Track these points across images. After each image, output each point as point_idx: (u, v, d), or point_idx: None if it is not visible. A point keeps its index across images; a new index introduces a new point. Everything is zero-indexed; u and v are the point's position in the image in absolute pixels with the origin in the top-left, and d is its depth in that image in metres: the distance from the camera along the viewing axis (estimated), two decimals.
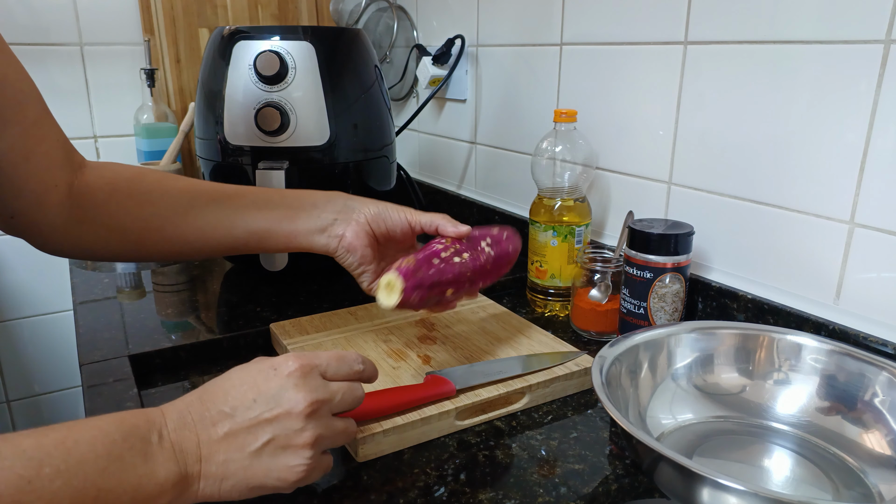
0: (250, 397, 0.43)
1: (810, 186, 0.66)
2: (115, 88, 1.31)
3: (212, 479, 0.41)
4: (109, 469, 0.37)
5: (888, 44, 0.58)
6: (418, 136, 1.36)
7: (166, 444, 0.40)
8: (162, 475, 0.39)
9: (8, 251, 1.31)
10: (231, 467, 0.42)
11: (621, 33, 0.84)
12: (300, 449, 0.43)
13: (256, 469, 0.42)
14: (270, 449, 0.42)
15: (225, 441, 0.42)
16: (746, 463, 0.55)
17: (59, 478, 0.35)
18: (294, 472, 0.43)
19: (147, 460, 0.39)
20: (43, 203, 0.57)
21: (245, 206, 0.66)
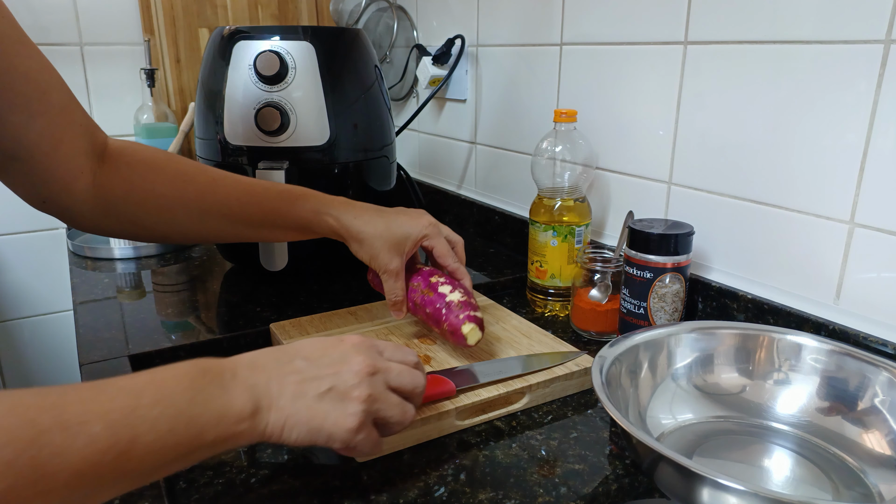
0: (318, 355, 0.49)
1: (810, 186, 0.66)
2: (115, 88, 1.31)
3: (280, 413, 0.45)
4: (196, 399, 0.42)
5: (888, 44, 0.58)
6: (418, 136, 1.36)
7: (240, 380, 0.45)
8: (238, 405, 0.43)
9: (8, 251, 1.31)
10: (297, 405, 0.46)
11: (621, 33, 0.84)
12: (354, 401, 0.47)
13: (317, 411, 0.46)
14: (331, 396, 0.47)
15: (293, 383, 0.46)
16: (746, 463, 0.55)
17: (157, 406, 0.40)
18: (348, 420, 0.46)
19: (224, 392, 0.43)
20: (71, 189, 0.60)
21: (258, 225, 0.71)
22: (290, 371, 0.47)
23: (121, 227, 0.67)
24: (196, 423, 0.41)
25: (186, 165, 0.69)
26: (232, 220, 0.69)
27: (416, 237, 0.69)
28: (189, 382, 0.42)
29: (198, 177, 0.68)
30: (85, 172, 0.61)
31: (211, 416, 0.42)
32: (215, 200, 0.68)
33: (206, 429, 0.41)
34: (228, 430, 0.43)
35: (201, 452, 0.42)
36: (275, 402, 0.45)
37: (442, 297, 0.67)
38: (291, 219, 0.70)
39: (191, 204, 0.67)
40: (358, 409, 0.47)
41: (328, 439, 0.47)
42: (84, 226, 0.65)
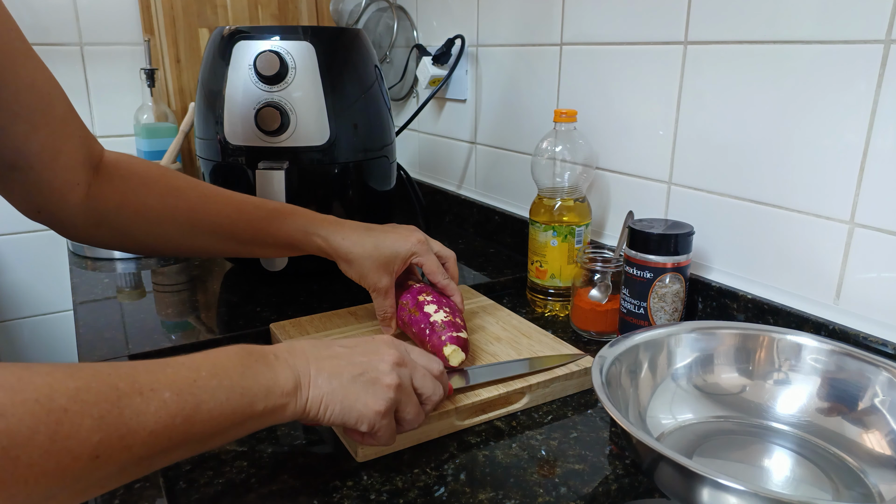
0: (352, 345, 0.53)
1: (810, 186, 0.66)
2: (115, 88, 1.31)
3: (318, 391, 0.49)
4: (246, 373, 0.46)
5: (888, 44, 0.58)
6: (418, 136, 1.36)
7: (282, 360, 0.49)
8: (282, 381, 0.47)
9: (8, 251, 1.31)
10: (333, 383, 0.49)
11: (621, 33, 0.84)
12: (384, 387, 0.50)
13: (350, 391, 0.50)
14: (363, 379, 0.50)
15: (329, 365, 0.50)
16: (746, 463, 0.55)
17: (214, 378, 0.44)
18: (378, 403, 0.50)
19: (270, 369, 0.47)
20: (66, 200, 0.62)
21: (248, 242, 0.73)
22: (326, 356, 0.51)
23: (112, 239, 0.68)
24: (248, 395, 0.45)
25: (179, 181, 0.70)
26: (222, 236, 0.71)
27: (404, 255, 0.70)
28: (239, 360, 0.46)
29: (189, 192, 0.69)
30: (80, 184, 0.62)
31: (260, 389, 0.46)
32: (206, 216, 0.69)
33: (256, 400, 0.45)
34: (275, 402, 0.46)
35: (252, 422, 0.46)
36: (313, 381, 0.49)
37: (427, 316, 0.67)
38: (281, 237, 0.71)
39: (181, 219, 0.68)
40: (387, 395, 0.50)
41: (357, 419, 0.50)
42: (76, 236, 0.66)
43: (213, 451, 0.56)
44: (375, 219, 0.95)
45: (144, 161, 0.70)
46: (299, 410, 0.48)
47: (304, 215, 0.72)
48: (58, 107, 0.59)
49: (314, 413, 0.49)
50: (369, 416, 0.50)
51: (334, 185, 0.89)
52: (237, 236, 0.71)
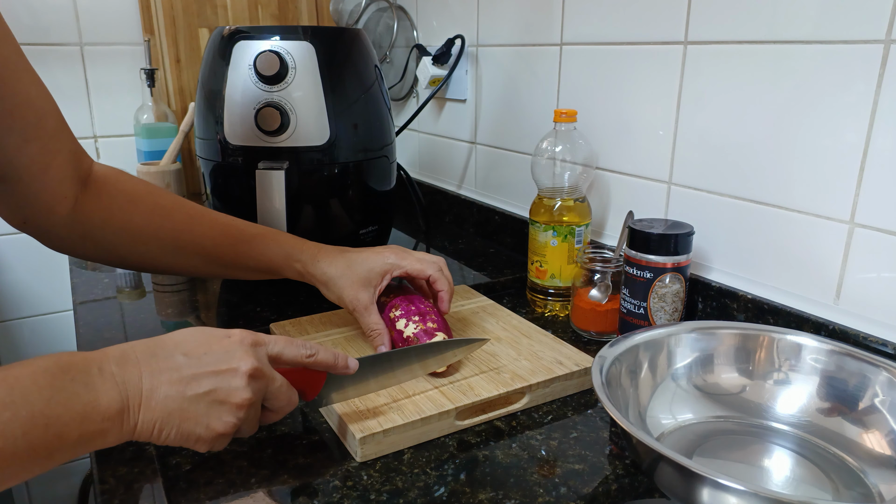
0: (201, 351, 0.47)
1: (810, 186, 0.66)
2: (115, 88, 1.31)
3: (151, 413, 0.44)
4: (54, 398, 0.39)
5: (888, 44, 0.58)
6: (418, 136, 1.36)
7: (107, 375, 0.43)
8: (104, 403, 0.41)
9: (8, 251, 1.31)
10: (170, 405, 0.44)
11: (621, 33, 0.84)
12: (235, 407, 0.46)
13: (191, 413, 0.45)
14: (209, 399, 0.45)
15: (168, 380, 0.45)
16: (746, 463, 0.55)
17: (7, 410, 0.37)
18: (222, 425, 0.46)
19: (89, 390, 0.41)
20: (53, 213, 0.62)
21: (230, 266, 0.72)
22: (166, 367, 0.45)
23: (96, 253, 0.68)
24: (56, 424, 0.39)
25: (166, 200, 0.70)
26: (205, 258, 0.71)
27: (380, 269, 0.69)
28: (48, 381, 0.40)
29: (175, 213, 0.69)
30: (68, 197, 0.62)
31: (73, 415, 0.40)
32: (190, 239, 0.69)
33: (67, 429, 0.40)
34: (93, 428, 0.41)
35: (64, 453, 0.40)
36: (145, 401, 0.44)
37: (400, 334, 0.67)
38: (263, 263, 0.72)
39: (166, 239, 0.68)
40: (235, 416, 0.46)
41: (196, 442, 0.46)
42: (61, 247, 0.66)
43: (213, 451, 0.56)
44: (376, 219, 0.95)
45: (133, 178, 0.70)
46: (125, 435, 0.43)
47: (286, 242, 0.72)
48: (50, 121, 0.59)
49: (146, 437, 0.44)
50: (209, 440, 0.46)
51: (334, 185, 0.89)
52: (220, 259, 0.71)
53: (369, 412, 0.57)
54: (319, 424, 0.60)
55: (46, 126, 0.58)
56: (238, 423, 0.47)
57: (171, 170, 1.18)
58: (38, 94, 0.58)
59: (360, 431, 0.54)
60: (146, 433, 0.44)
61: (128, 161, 1.30)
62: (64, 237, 0.64)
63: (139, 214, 0.67)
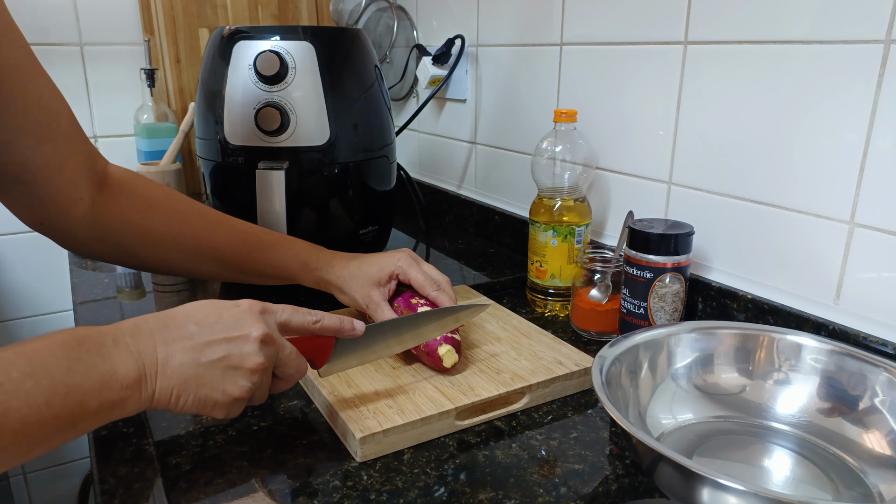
0: (213, 320, 0.48)
1: (810, 186, 0.66)
2: (115, 88, 1.31)
3: (168, 380, 0.45)
4: (73, 368, 0.41)
5: (888, 44, 0.59)
6: (418, 136, 1.36)
7: (122, 346, 0.44)
8: (122, 372, 0.43)
9: (8, 251, 1.31)
10: (186, 372, 0.45)
11: (621, 33, 0.84)
12: (248, 372, 0.48)
13: (207, 379, 0.46)
14: (223, 365, 0.47)
15: (182, 349, 0.46)
16: (746, 463, 0.55)
17: (29, 379, 0.38)
18: (238, 389, 0.47)
19: (105, 360, 0.42)
20: (69, 214, 0.62)
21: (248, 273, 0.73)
22: (179, 336, 0.46)
23: (114, 255, 0.68)
24: (76, 393, 0.40)
25: (184, 205, 0.71)
26: (223, 264, 0.72)
27: (389, 270, 0.71)
28: (65, 352, 0.41)
29: (194, 219, 0.70)
30: (84, 199, 0.63)
31: (92, 384, 0.41)
32: (209, 245, 0.70)
33: (87, 397, 0.41)
34: (113, 397, 0.42)
35: (86, 423, 0.42)
36: (161, 369, 0.45)
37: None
38: (280, 270, 0.73)
39: (185, 245, 0.69)
40: (249, 380, 0.48)
41: (213, 407, 0.47)
42: (78, 250, 0.67)
43: (213, 451, 0.56)
44: (376, 219, 0.95)
45: (149, 181, 0.71)
46: (144, 403, 0.44)
47: (302, 250, 0.73)
48: (63, 122, 0.60)
49: (164, 404, 0.45)
50: (225, 404, 0.47)
51: (334, 185, 0.89)
52: (238, 265, 0.72)
53: (369, 412, 0.57)
54: (319, 424, 0.60)
55: (59, 127, 0.59)
56: (252, 388, 0.48)
57: (171, 170, 1.18)
58: (51, 95, 0.58)
59: (360, 431, 0.54)
60: (164, 401, 0.45)
61: (128, 161, 1.30)
62: (80, 239, 0.65)
63: (158, 219, 0.68)
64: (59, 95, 0.60)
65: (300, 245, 0.74)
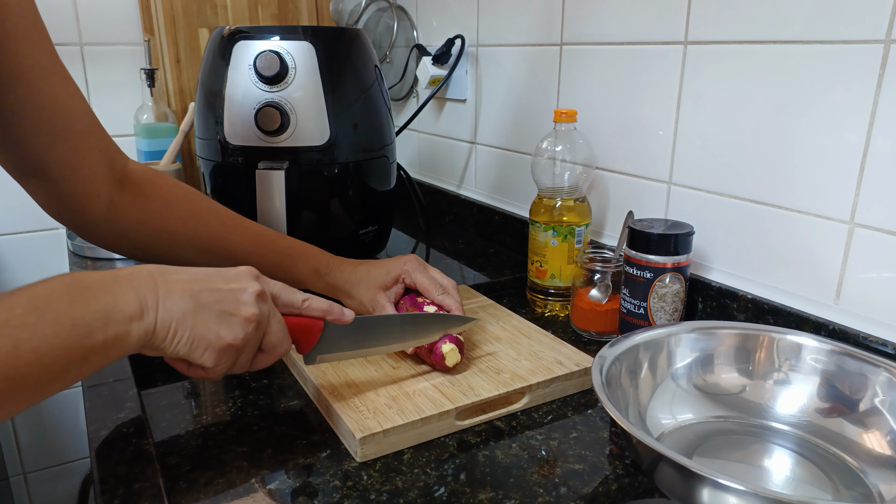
0: (212, 272, 0.50)
1: (810, 186, 0.66)
2: (115, 88, 1.31)
3: (167, 314, 0.46)
4: (75, 302, 0.42)
5: (888, 44, 0.59)
6: (418, 136, 1.36)
7: (122, 282, 0.45)
8: (122, 304, 0.44)
9: (8, 251, 1.31)
10: (184, 307, 0.46)
11: (621, 33, 0.84)
12: (243, 320, 0.49)
13: (202, 318, 0.47)
14: (219, 308, 0.48)
15: (182, 289, 0.47)
16: (746, 463, 0.55)
17: (33, 314, 0.40)
18: (231, 335, 0.48)
19: (106, 293, 0.44)
20: (86, 210, 0.64)
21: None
22: (179, 279, 0.48)
23: (130, 251, 0.70)
24: (81, 325, 0.42)
25: (201, 205, 0.72)
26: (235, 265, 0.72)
27: (395, 273, 0.72)
28: (65, 289, 0.42)
29: (210, 219, 0.71)
30: (101, 196, 0.64)
31: (96, 316, 0.42)
32: (224, 246, 0.72)
33: (93, 329, 0.42)
34: (116, 329, 0.43)
35: (96, 357, 0.43)
36: (162, 302, 0.46)
37: None
38: (291, 275, 0.74)
39: (200, 244, 0.70)
40: (244, 329, 0.49)
41: (205, 350, 0.48)
42: (95, 242, 0.68)
43: (213, 451, 0.56)
44: (376, 219, 0.95)
45: (169, 180, 0.72)
46: (146, 336, 0.45)
47: (313, 256, 0.75)
48: (79, 121, 0.61)
49: (161, 339, 0.46)
50: (217, 348, 0.48)
51: (334, 185, 0.89)
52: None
53: (369, 412, 0.57)
54: (319, 424, 0.60)
55: (75, 127, 0.60)
56: (244, 340, 0.49)
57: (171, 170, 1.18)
58: (67, 95, 0.59)
59: (360, 431, 0.54)
60: (161, 335, 0.46)
61: None
62: (98, 234, 0.66)
63: (175, 219, 0.69)
64: (76, 94, 0.61)
65: (310, 251, 0.75)
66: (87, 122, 0.62)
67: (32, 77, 0.56)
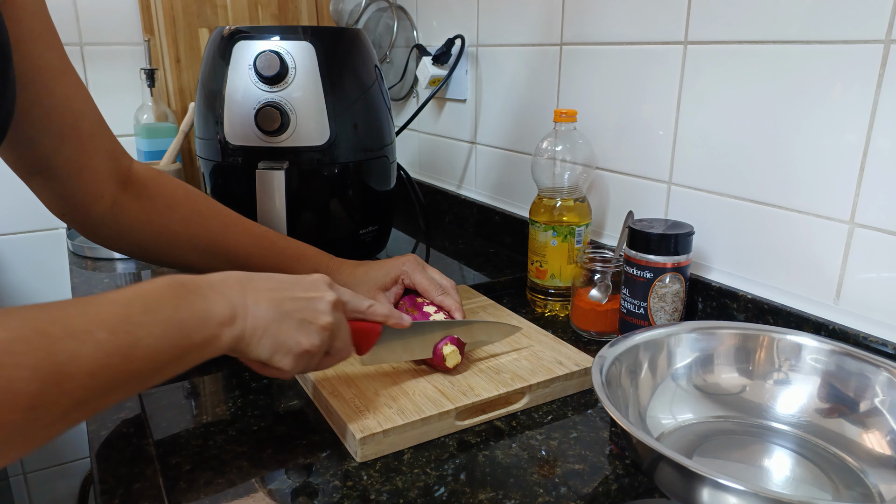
0: (292, 281, 0.53)
1: (810, 186, 0.66)
2: (115, 88, 1.31)
3: (255, 321, 0.49)
4: (180, 305, 0.45)
5: (888, 44, 0.59)
6: (418, 136, 1.36)
7: (217, 290, 0.48)
8: (217, 311, 0.47)
9: (8, 251, 1.31)
10: (269, 315, 0.50)
11: (621, 33, 0.84)
12: (320, 328, 0.52)
13: (285, 326, 0.50)
14: (299, 317, 0.51)
15: (268, 298, 0.50)
16: (746, 463, 0.55)
17: (147, 313, 0.43)
18: (308, 342, 0.51)
19: (205, 300, 0.47)
20: (90, 210, 0.65)
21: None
22: (264, 288, 0.51)
23: (133, 251, 0.71)
24: (184, 327, 0.45)
25: (203, 206, 0.72)
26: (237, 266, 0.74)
27: (394, 274, 0.73)
28: (172, 292, 0.46)
29: (211, 220, 0.72)
30: (105, 197, 0.65)
31: (195, 319, 0.46)
32: (224, 246, 0.72)
33: (192, 331, 0.45)
34: (211, 332, 0.46)
35: (191, 356, 0.46)
36: (251, 311, 0.49)
37: (426, 316, 0.68)
38: None
39: (201, 245, 0.71)
40: (320, 336, 0.52)
41: (285, 354, 0.50)
42: (98, 241, 0.69)
43: (213, 451, 0.56)
44: (375, 219, 0.95)
45: (172, 180, 0.72)
46: (235, 340, 0.48)
47: (312, 257, 0.75)
48: (86, 122, 0.61)
49: (247, 344, 0.49)
50: (296, 353, 0.51)
51: (334, 185, 0.89)
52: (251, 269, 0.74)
53: (369, 412, 0.57)
54: (319, 424, 0.60)
55: (83, 127, 0.61)
56: (320, 346, 0.52)
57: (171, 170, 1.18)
58: (76, 96, 0.60)
59: (360, 431, 0.54)
60: (248, 340, 0.49)
61: None
62: (101, 233, 0.67)
63: (177, 220, 0.70)
64: (85, 95, 0.61)
65: (310, 252, 0.75)
66: (95, 124, 0.63)
67: (44, 78, 0.57)
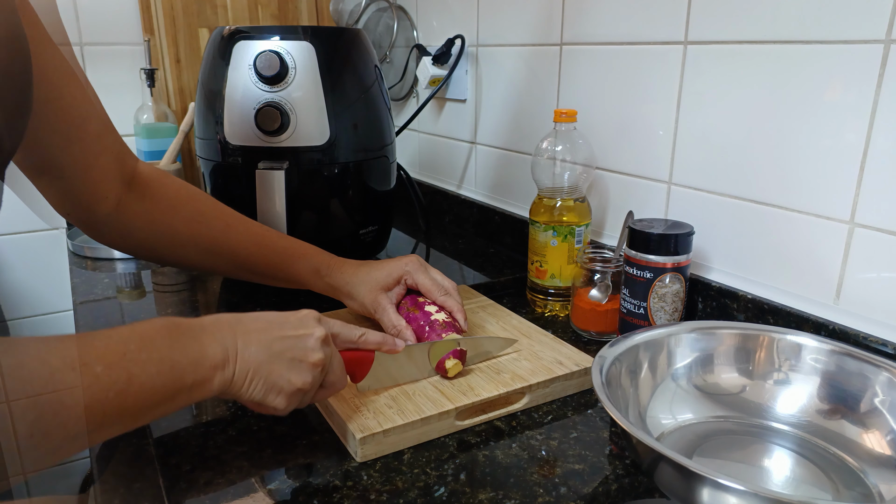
0: (280, 319, 0.53)
1: (810, 186, 0.66)
2: (115, 88, 1.31)
3: (245, 364, 0.49)
4: (174, 346, 0.46)
5: (888, 44, 0.59)
6: (418, 136, 1.36)
7: (209, 333, 0.49)
8: (210, 354, 0.48)
9: (8, 251, 1.31)
10: (259, 358, 0.50)
11: (621, 33, 0.84)
12: (310, 366, 0.52)
13: (275, 367, 0.50)
14: (289, 356, 0.51)
15: (258, 340, 0.50)
16: (746, 463, 0.55)
17: (144, 351, 0.44)
18: (300, 381, 0.51)
19: (197, 342, 0.48)
20: (94, 210, 0.65)
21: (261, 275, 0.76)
22: (253, 329, 0.51)
23: (136, 250, 0.72)
24: (177, 367, 0.46)
25: (205, 206, 0.73)
26: (238, 265, 0.75)
27: (396, 274, 0.73)
28: (166, 332, 0.47)
29: (213, 221, 0.73)
30: (110, 197, 0.65)
31: (188, 361, 0.46)
32: (226, 246, 0.73)
33: (185, 372, 0.46)
34: (203, 374, 0.47)
35: (182, 397, 0.46)
36: (241, 354, 0.49)
37: (427, 315, 0.68)
38: (292, 275, 0.75)
39: (203, 245, 0.72)
40: (311, 374, 0.52)
41: (277, 395, 0.51)
42: (102, 241, 0.70)
43: (213, 451, 0.56)
44: (376, 219, 0.95)
45: (175, 181, 0.73)
46: (225, 384, 0.48)
47: (314, 257, 0.75)
48: (93, 123, 0.62)
49: (238, 387, 0.49)
50: (288, 393, 0.51)
51: (334, 185, 0.89)
52: (252, 268, 0.75)
53: (369, 412, 0.57)
54: (319, 424, 0.60)
55: (89, 128, 0.62)
56: (312, 383, 0.52)
57: (171, 170, 1.18)
58: (84, 97, 0.61)
59: (360, 431, 0.54)
60: (239, 383, 0.49)
61: None
62: (105, 233, 0.68)
63: (180, 220, 0.71)
64: (92, 96, 0.62)
65: (311, 251, 0.76)
66: (101, 124, 0.63)
67: (54, 80, 0.57)
